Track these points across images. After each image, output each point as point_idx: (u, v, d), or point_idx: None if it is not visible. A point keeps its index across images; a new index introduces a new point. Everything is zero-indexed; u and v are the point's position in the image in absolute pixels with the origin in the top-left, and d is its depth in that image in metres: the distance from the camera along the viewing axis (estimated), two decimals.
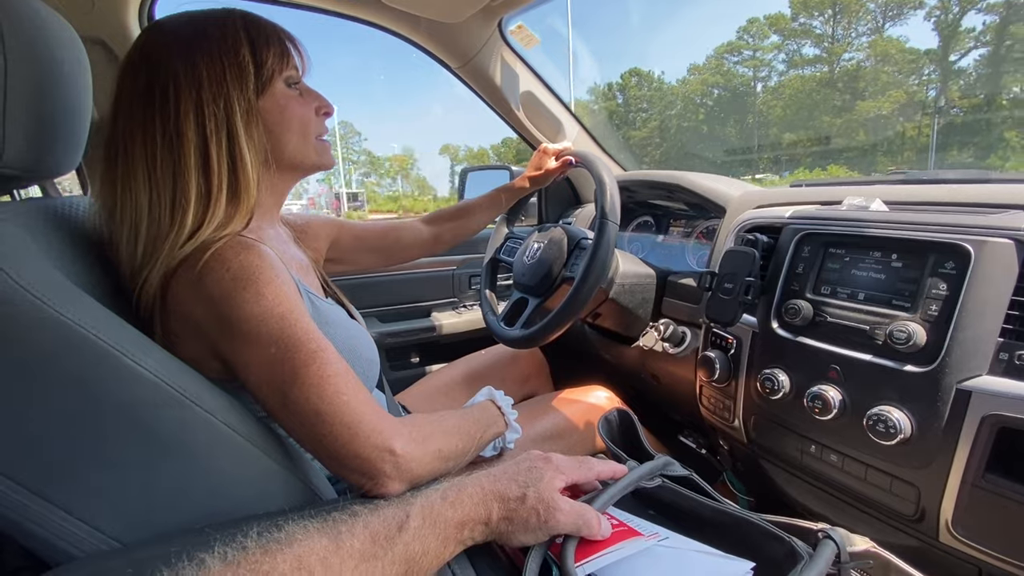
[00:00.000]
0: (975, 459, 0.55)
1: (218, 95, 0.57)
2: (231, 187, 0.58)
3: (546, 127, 1.44)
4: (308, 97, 0.65)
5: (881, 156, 31.57)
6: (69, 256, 0.56)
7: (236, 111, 0.58)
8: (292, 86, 0.63)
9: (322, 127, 0.68)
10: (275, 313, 0.51)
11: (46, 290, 0.43)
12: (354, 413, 0.49)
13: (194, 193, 0.56)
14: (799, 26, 34.33)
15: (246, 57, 0.58)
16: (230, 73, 0.57)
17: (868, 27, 33.92)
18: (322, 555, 0.35)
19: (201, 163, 0.56)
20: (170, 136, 0.55)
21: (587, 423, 0.97)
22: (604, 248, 0.84)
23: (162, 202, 0.55)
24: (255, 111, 0.60)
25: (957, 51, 29.31)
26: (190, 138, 0.56)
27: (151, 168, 0.55)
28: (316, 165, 0.68)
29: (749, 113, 38.29)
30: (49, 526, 0.43)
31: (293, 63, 0.63)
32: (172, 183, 0.55)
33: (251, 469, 0.52)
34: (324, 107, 0.67)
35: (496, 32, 1.24)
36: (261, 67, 0.59)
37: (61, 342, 0.43)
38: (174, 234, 0.54)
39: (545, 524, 0.43)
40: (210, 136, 0.56)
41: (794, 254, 0.76)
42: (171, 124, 0.55)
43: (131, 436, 0.45)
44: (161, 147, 0.55)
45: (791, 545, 0.43)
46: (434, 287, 1.55)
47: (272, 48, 0.60)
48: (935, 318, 0.59)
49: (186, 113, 0.56)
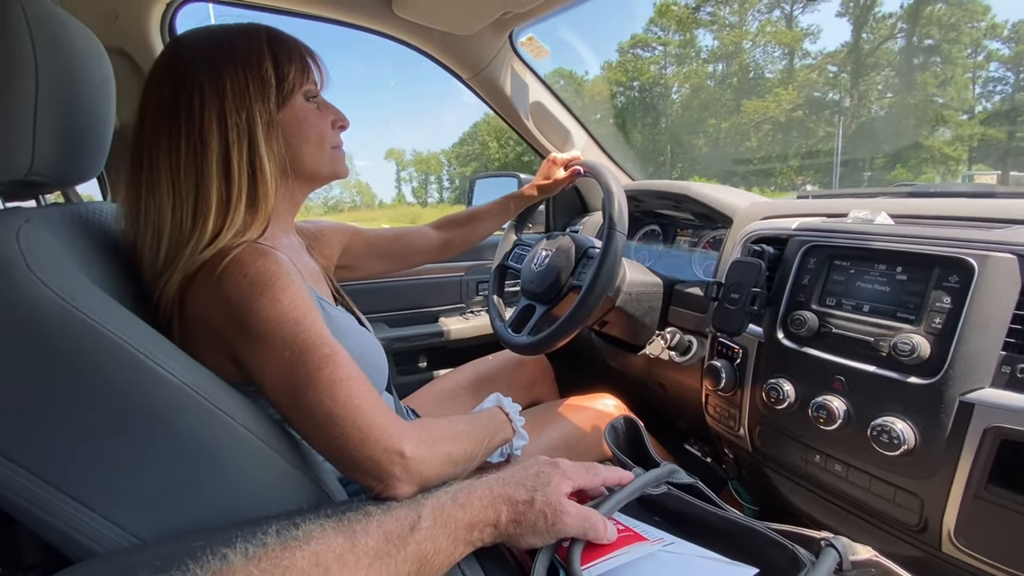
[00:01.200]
0: (977, 470, 0.55)
1: (241, 107, 0.59)
2: (250, 195, 0.60)
3: (554, 136, 1.46)
4: (325, 110, 0.68)
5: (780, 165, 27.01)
6: (94, 261, 0.58)
7: (258, 122, 0.60)
8: (311, 100, 0.65)
9: (337, 139, 0.70)
10: (290, 318, 0.52)
11: (74, 294, 0.45)
12: (365, 416, 0.51)
13: (215, 199, 0.57)
14: (704, 15, 29.61)
15: (269, 71, 0.60)
16: (253, 86, 0.59)
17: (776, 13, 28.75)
18: (338, 553, 0.36)
19: (223, 171, 0.58)
20: (194, 144, 0.57)
21: (595, 431, 0.97)
22: (611, 258, 0.85)
23: (184, 207, 0.57)
24: (275, 123, 0.62)
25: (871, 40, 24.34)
26: (213, 147, 0.58)
27: (175, 174, 0.57)
28: (332, 175, 0.70)
29: (653, 114, 33.68)
30: (72, 522, 0.45)
31: (312, 78, 0.65)
32: (195, 189, 0.57)
33: (267, 470, 0.54)
34: (340, 121, 0.69)
35: (507, 44, 1.26)
36: (283, 81, 0.62)
37: (89, 345, 0.44)
38: (195, 239, 0.56)
39: (552, 527, 0.44)
40: (232, 145, 0.58)
41: (800, 265, 0.77)
42: (195, 132, 0.57)
43: (153, 437, 0.47)
44: (185, 154, 0.57)
45: (794, 552, 0.44)
46: (442, 293, 1.56)
47: (294, 63, 0.62)
48: (939, 331, 0.60)
49: (209, 122, 0.58)
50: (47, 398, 0.44)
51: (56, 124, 0.54)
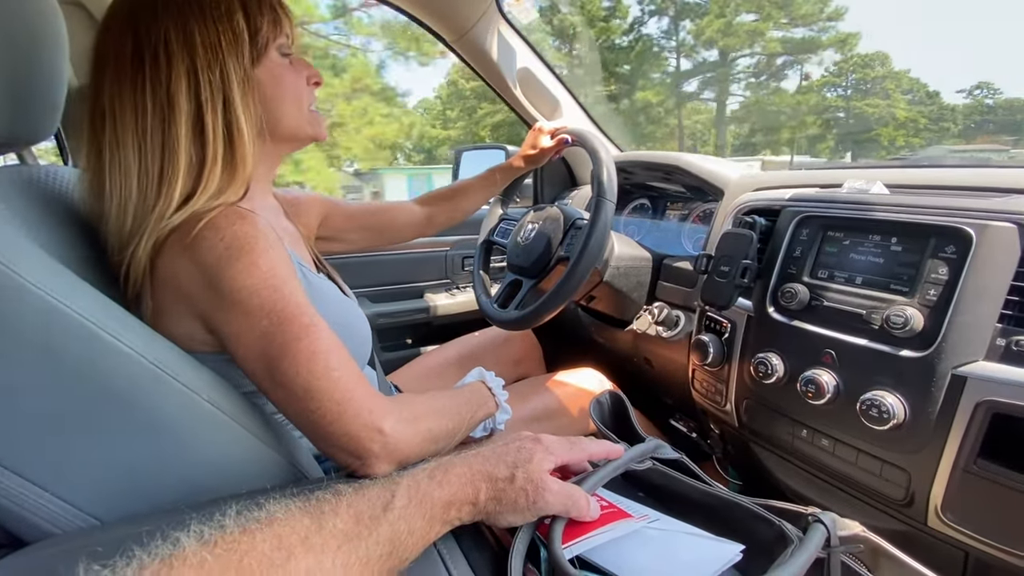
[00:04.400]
0: (968, 444, 0.55)
1: (213, 62, 0.54)
2: (226, 157, 0.56)
3: (543, 105, 1.41)
4: (299, 66, 0.63)
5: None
6: (46, 226, 0.54)
7: (233, 79, 0.56)
8: (285, 55, 0.61)
9: (313, 97, 0.66)
10: (268, 285, 0.50)
11: (19, 261, 0.41)
12: (344, 390, 0.48)
13: (183, 163, 0.54)
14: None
15: (240, 23, 0.56)
16: (225, 39, 0.55)
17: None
18: (303, 535, 0.34)
19: (196, 132, 0.54)
20: (161, 102, 0.53)
21: (579, 405, 0.96)
22: (600, 226, 0.82)
23: (151, 173, 0.53)
24: (251, 80, 0.57)
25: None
26: (182, 106, 0.54)
27: (141, 137, 0.53)
28: (311, 136, 0.66)
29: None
30: (25, 503, 0.42)
31: (285, 30, 0.61)
32: (161, 152, 0.53)
33: (234, 447, 0.51)
34: (314, 76, 0.65)
35: (493, 4, 1.20)
36: (256, 34, 0.57)
37: (34, 315, 0.41)
38: (161, 204, 0.53)
39: (534, 505, 0.43)
40: (205, 104, 0.54)
41: (792, 237, 0.75)
42: (163, 89, 0.53)
43: (108, 411, 0.44)
44: (152, 114, 0.53)
45: (781, 528, 0.43)
46: (427, 268, 1.53)
47: (265, 15, 0.58)
48: (933, 303, 0.58)
49: (178, 79, 0.53)
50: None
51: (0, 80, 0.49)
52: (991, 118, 19.56)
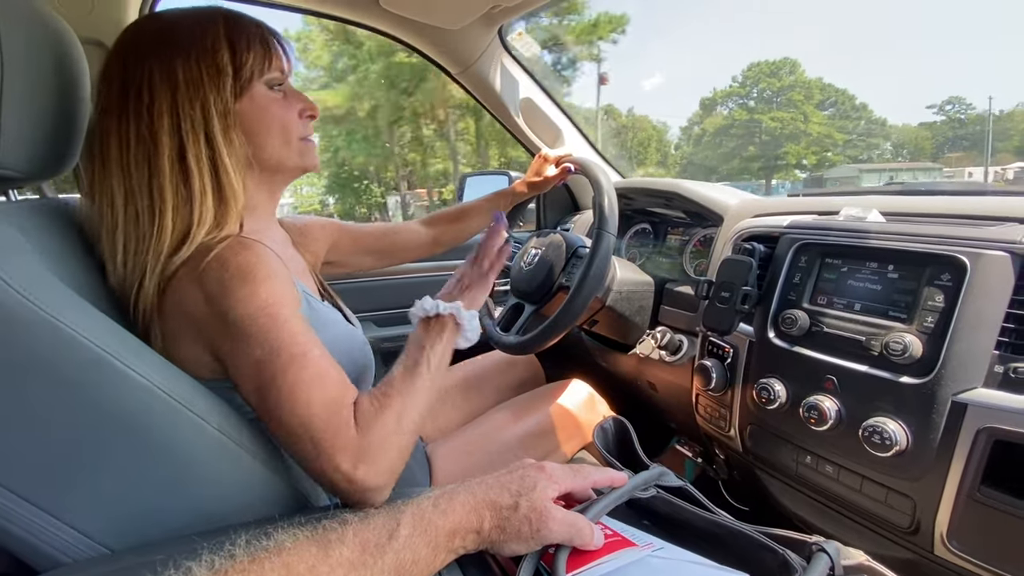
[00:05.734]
0: (970, 472, 0.55)
1: (195, 98, 0.55)
2: (216, 190, 0.57)
3: (546, 133, 1.44)
4: (292, 99, 0.64)
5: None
6: (64, 257, 0.55)
7: (213, 114, 0.56)
8: (275, 88, 0.62)
9: (306, 128, 0.66)
10: (265, 313, 0.51)
11: (37, 292, 0.43)
12: (318, 430, 0.48)
13: (170, 196, 0.55)
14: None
15: (224, 59, 0.57)
16: (207, 75, 0.56)
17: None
18: (311, 563, 0.34)
19: (178, 167, 0.55)
20: (144, 138, 0.54)
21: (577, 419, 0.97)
22: (601, 259, 0.84)
23: (139, 206, 0.54)
24: (232, 114, 0.58)
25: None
26: (165, 141, 0.55)
27: (126, 172, 0.55)
28: (299, 167, 0.66)
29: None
30: (37, 532, 0.43)
31: (277, 64, 0.62)
32: (148, 186, 0.54)
33: (242, 474, 0.52)
34: (308, 109, 0.66)
35: (496, 38, 1.24)
36: (240, 69, 0.58)
37: (50, 345, 0.42)
38: (154, 239, 0.54)
39: (538, 533, 0.43)
40: (186, 139, 0.55)
41: (791, 263, 0.76)
42: (144, 126, 0.54)
43: (121, 440, 0.45)
44: (136, 150, 0.54)
45: (784, 557, 0.43)
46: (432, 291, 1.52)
47: (253, 50, 0.59)
48: (931, 330, 0.59)
49: (160, 115, 0.55)
50: (6, 400, 0.42)
51: (24, 116, 0.51)
52: (935, 134, 18.34)
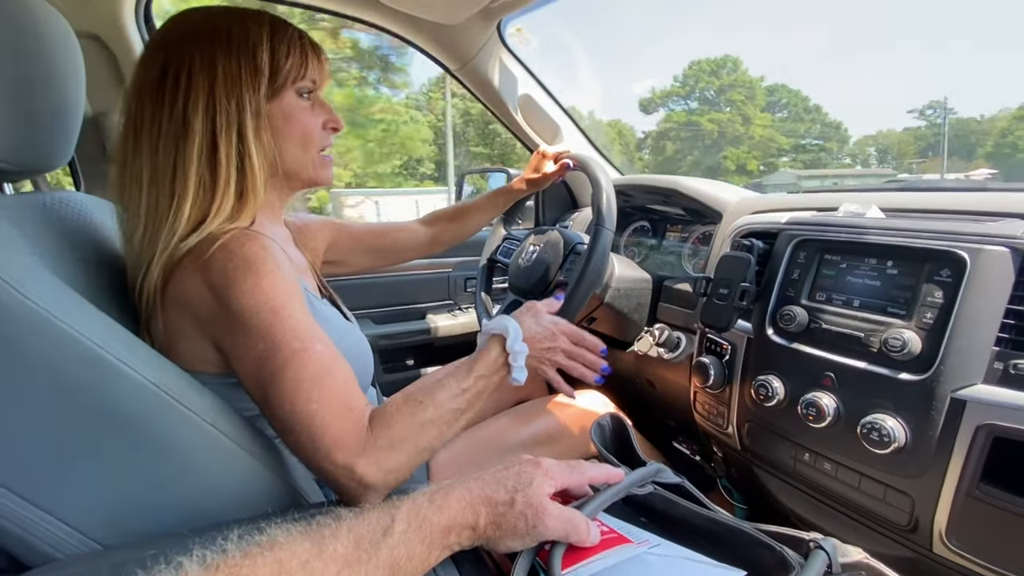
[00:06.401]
0: (969, 469, 0.54)
1: (231, 92, 0.57)
2: (238, 184, 0.58)
3: (544, 130, 1.44)
4: (319, 109, 0.65)
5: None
6: (59, 252, 0.55)
7: (247, 111, 0.58)
8: (304, 96, 0.63)
9: (327, 141, 0.67)
10: (268, 307, 0.51)
11: (32, 287, 0.43)
12: (319, 426, 0.49)
13: (193, 183, 0.56)
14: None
15: (264, 60, 0.59)
16: (245, 73, 0.58)
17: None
18: (304, 559, 0.34)
19: (208, 156, 0.57)
20: (177, 122, 0.56)
21: (581, 427, 0.96)
22: (599, 254, 0.83)
23: (161, 188, 0.56)
24: (264, 114, 0.60)
25: None
26: (196, 128, 0.56)
27: (154, 152, 0.56)
28: (312, 179, 0.67)
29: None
30: (29, 527, 0.43)
31: (310, 75, 0.63)
32: (173, 169, 0.56)
33: (237, 471, 0.51)
34: (333, 122, 0.67)
35: (495, 34, 1.24)
36: (276, 73, 0.60)
37: (46, 341, 0.42)
38: (171, 222, 0.55)
39: (533, 529, 0.43)
40: (219, 131, 0.57)
41: (790, 260, 0.76)
42: (179, 109, 0.56)
43: (114, 436, 0.45)
44: (166, 132, 0.56)
45: (782, 554, 0.43)
46: (430, 289, 1.54)
47: (292, 57, 0.60)
48: (930, 326, 0.59)
49: (195, 102, 0.56)
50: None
51: (18, 109, 0.51)
52: (917, 139, 17.57)
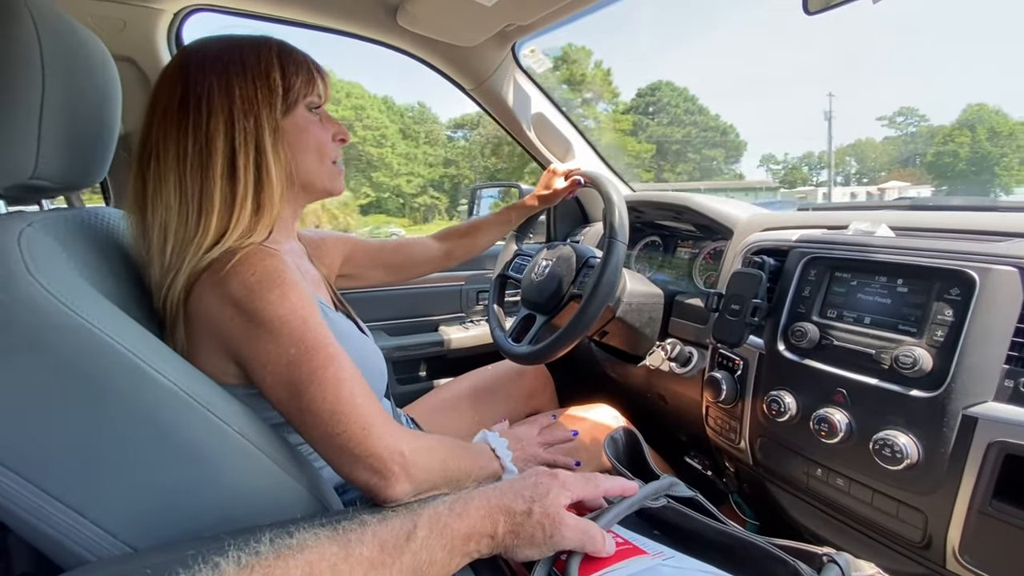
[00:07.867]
0: (982, 485, 0.55)
1: (249, 112, 0.61)
2: (256, 198, 0.61)
3: (556, 147, 1.47)
4: (327, 123, 0.69)
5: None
6: (95, 265, 0.58)
7: (265, 127, 0.62)
8: (313, 110, 0.67)
9: (337, 152, 0.71)
10: (298, 316, 0.54)
11: (74, 298, 0.45)
12: (366, 415, 0.53)
13: (218, 199, 0.59)
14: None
15: (276, 80, 0.63)
16: (261, 93, 0.61)
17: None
18: (332, 562, 0.36)
19: (228, 172, 0.60)
20: (200, 144, 0.59)
21: (593, 441, 0.97)
22: (612, 267, 0.85)
23: (190, 206, 0.59)
24: (280, 130, 0.63)
25: None
26: (219, 147, 0.59)
27: (181, 172, 0.59)
28: (326, 189, 0.71)
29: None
30: (64, 529, 0.44)
31: (317, 91, 0.67)
32: (200, 188, 0.59)
33: (261, 477, 0.53)
34: (341, 134, 0.71)
35: (510, 55, 1.27)
36: (289, 90, 0.64)
37: (86, 350, 0.44)
38: (199, 237, 0.58)
39: (550, 539, 0.44)
40: (239, 148, 0.60)
41: (801, 277, 0.77)
42: (202, 133, 0.59)
43: (147, 442, 0.47)
44: (192, 154, 0.59)
45: (795, 568, 0.43)
46: (442, 302, 1.56)
47: (300, 75, 0.65)
48: (941, 343, 0.59)
49: (217, 125, 0.60)
50: (43, 402, 0.43)
51: (60, 129, 0.54)
52: (893, 147, 17.43)
